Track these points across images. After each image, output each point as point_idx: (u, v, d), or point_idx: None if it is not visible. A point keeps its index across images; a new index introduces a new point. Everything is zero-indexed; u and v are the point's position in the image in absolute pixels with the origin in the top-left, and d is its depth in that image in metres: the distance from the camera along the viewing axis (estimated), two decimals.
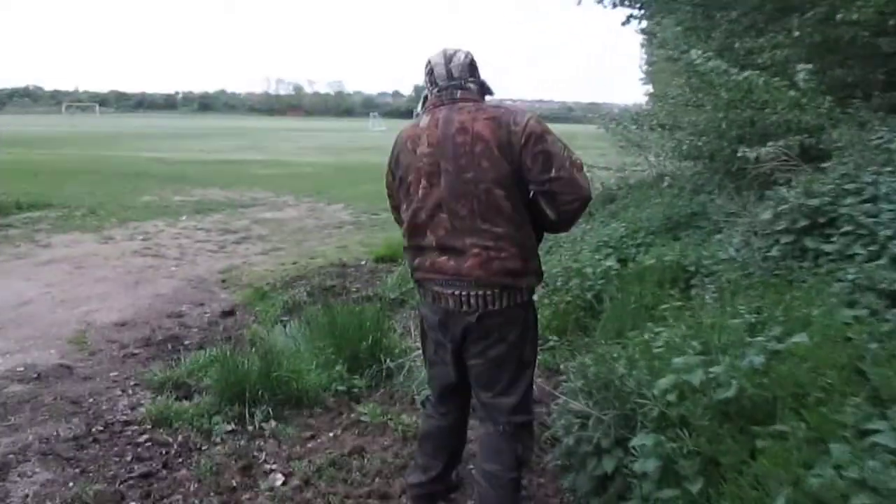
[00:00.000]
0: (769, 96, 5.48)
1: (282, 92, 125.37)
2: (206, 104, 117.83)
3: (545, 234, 2.75)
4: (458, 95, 2.52)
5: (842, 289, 2.83)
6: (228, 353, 4.16)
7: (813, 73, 5.23)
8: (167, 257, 8.13)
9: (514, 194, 2.41)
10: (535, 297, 2.72)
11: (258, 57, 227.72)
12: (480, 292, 2.43)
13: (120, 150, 25.78)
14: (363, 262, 7.72)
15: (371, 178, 17.34)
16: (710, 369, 2.37)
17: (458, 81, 2.54)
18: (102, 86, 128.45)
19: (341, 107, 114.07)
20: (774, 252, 3.46)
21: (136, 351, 5.00)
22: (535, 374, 2.87)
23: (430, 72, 2.59)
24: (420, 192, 2.50)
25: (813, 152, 4.92)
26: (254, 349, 4.50)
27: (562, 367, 4.30)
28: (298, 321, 5.11)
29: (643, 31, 16.86)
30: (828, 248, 3.23)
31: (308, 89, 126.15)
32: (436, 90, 2.56)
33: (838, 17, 5.30)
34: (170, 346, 5.06)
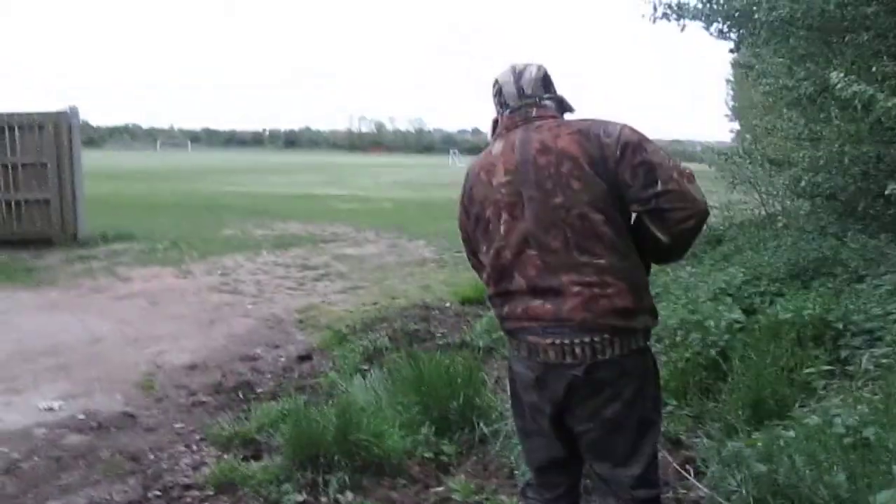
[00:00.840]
0: None
1: (364, 129, 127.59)
2: (291, 141, 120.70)
3: (651, 268, 2.22)
4: (535, 113, 2.14)
5: None
6: (303, 406, 3.71)
7: None
8: (244, 294, 7.84)
9: (614, 217, 2.00)
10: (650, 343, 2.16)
11: (341, 95, 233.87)
12: (587, 339, 1.98)
13: (207, 185, 26.26)
14: (448, 304, 7.22)
15: (453, 214, 16.85)
16: None
17: (532, 99, 2.16)
18: (195, 124, 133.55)
19: (421, 144, 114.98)
20: None
21: (205, 399, 4.62)
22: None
23: (499, 92, 2.22)
24: (502, 227, 2.10)
25: None
26: (330, 402, 4.04)
27: (684, 438, 3.66)
28: (380, 370, 4.63)
29: (739, 65, 16.09)
30: None
31: (389, 127, 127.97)
32: (507, 111, 2.18)
33: None
34: (240, 395, 4.66)
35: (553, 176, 2.01)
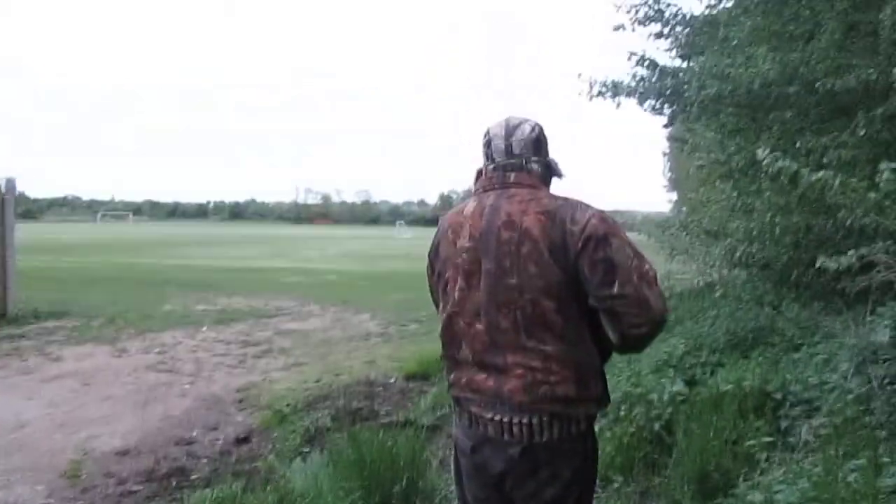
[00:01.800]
0: (845, 199, 4.95)
1: (310, 201, 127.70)
2: (236, 213, 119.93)
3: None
4: (512, 179, 2.07)
5: None
6: (239, 494, 3.55)
7: (895, 172, 4.71)
8: (182, 372, 7.58)
9: (568, 306, 1.93)
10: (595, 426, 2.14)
11: (287, 167, 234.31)
12: (525, 419, 1.94)
13: (148, 258, 25.73)
14: (392, 380, 7.09)
15: (399, 286, 16.98)
16: None
17: (518, 160, 2.09)
18: (137, 195, 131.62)
19: (368, 215, 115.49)
20: None
21: (136, 487, 4.38)
22: None
23: (488, 143, 2.14)
24: (457, 293, 2.07)
25: None
26: (269, 488, 3.89)
27: None
28: (321, 453, 4.49)
29: (672, 139, 16.71)
30: None
31: (335, 198, 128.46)
32: (491, 167, 2.12)
33: None
34: (174, 482, 4.44)
35: (512, 254, 1.96)
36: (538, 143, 2.13)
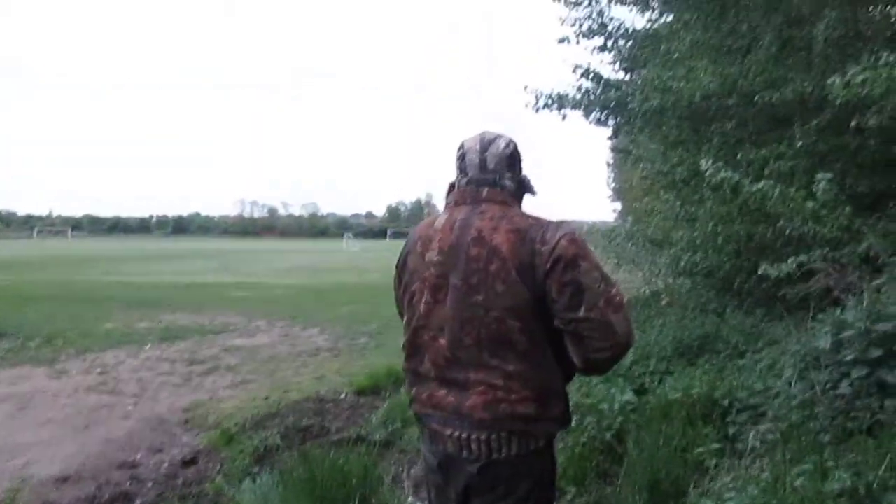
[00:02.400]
0: (784, 208, 5.09)
1: (256, 214, 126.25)
2: (180, 227, 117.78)
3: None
4: (485, 194, 2.06)
5: None
6: None
7: (832, 182, 4.87)
8: (125, 393, 7.35)
9: (532, 326, 1.93)
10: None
11: (233, 180, 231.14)
12: (484, 436, 1.95)
13: (88, 274, 24.98)
14: (343, 396, 7.00)
15: (348, 299, 16.88)
16: None
17: (491, 175, 2.08)
18: (77, 210, 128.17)
19: (315, 228, 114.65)
20: (844, 388, 2.91)
21: None
22: None
23: (462, 157, 2.14)
24: (422, 307, 2.06)
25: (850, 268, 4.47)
26: None
27: None
28: (271, 473, 4.39)
29: (617, 150, 16.97)
30: None
31: (282, 211, 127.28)
32: (464, 181, 2.12)
33: (853, 124, 4.99)
34: None
35: (480, 272, 1.95)
36: (512, 159, 2.13)
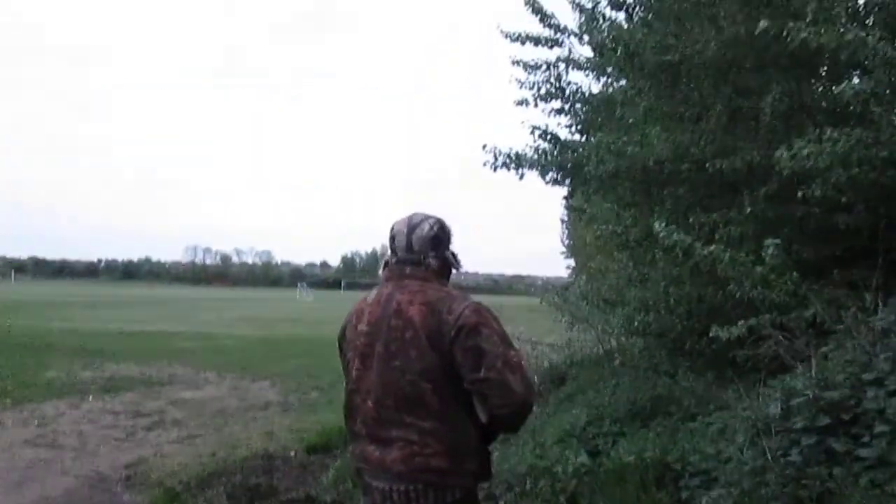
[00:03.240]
0: (734, 272, 5.21)
1: (208, 262, 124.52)
2: (129, 272, 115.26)
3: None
4: (408, 272, 2.34)
5: None
6: None
7: (780, 247, 5.01)
8: (64, 448, 7.08)
9: (443, 388, 2.19)
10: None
11: (184, 226, 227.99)
12: (403, 487, 2.18)
13: (29, 319, 24.18)
14: (293, 454, 6.83)
15: (300, 351, 16.61)
16: None
17: (416, 255, 2.35)
18: (21, 252, 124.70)
19: (269, 277, 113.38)
20: (794, 456, 2.95)
21: None
22: None
23: (392, 239, 2.41)
24: (354, 373, 2.35)
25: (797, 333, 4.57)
26: None
27: None
28: None
29: (572, 209, 17.28)
30: (864, 452, 2.74)
31: (235, 259, 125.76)
32: (393, 260, 2.40)
33: (799, 194, 5.17)
34: None
35: (398, 340, 2.20)
36: (436, 240, 2.37)
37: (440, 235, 2.39)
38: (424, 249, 2.35)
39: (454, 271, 2.47)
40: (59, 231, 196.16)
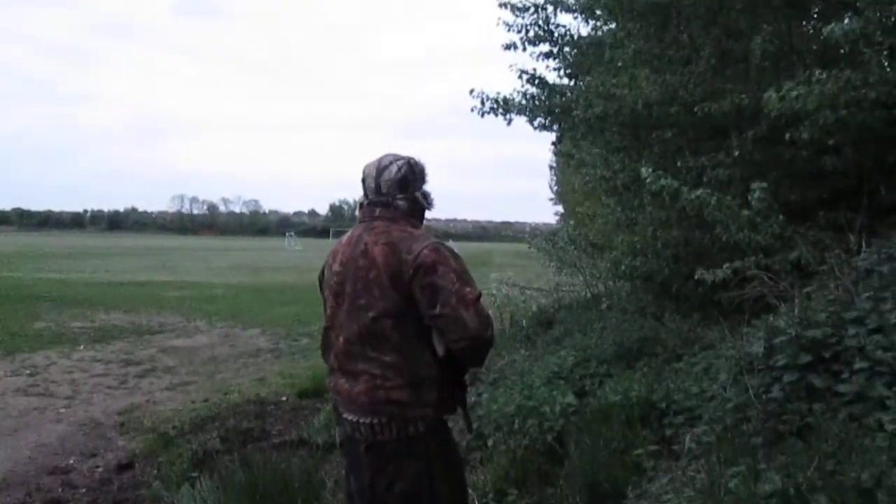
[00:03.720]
0: (721, 215, 5.24)
1: (195, 211, 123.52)
2: (115, 223, 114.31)
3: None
4: (377, 213, 2.42)
5: (884, 441, 2.37)
6: None
7: (766, 191, 5.03)
8: (57, 396, 7.14)
9: (405, 324, 2.30)
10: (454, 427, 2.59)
11: (171, 175, 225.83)
12: (368, 420, 2.31)
13: (16, 271, 24.10)
14: (284, 398, 6.93)
15: (289, 299, 16.66)
16: None
17: (385, 198, 2.42)
18: (5, 203, 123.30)
19: (256, 226, 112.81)
20: (776, 392, 3.01)
21: None
22: None
23: (363, 181, 2.49)
24: (328, 310, 2.49)
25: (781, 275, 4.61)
26: None
27: None
28: (210, 478, 4.31)
29: (560, 153, 17.21)
30: (843, 388, 2.80)
31: (222, 208, 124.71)
32: (365, 202, 2.48)
33: (787, 136, 5.17)
34: None
35: (363, 279, 2.32)
36: (404, 181, 2.43)
37: (408, 176, 2.44)
38: (392, 191, 2.41)
39: (427, 210, 2.52)
40: (43, 182, 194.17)
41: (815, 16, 6.73)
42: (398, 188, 2.42)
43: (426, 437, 2.32)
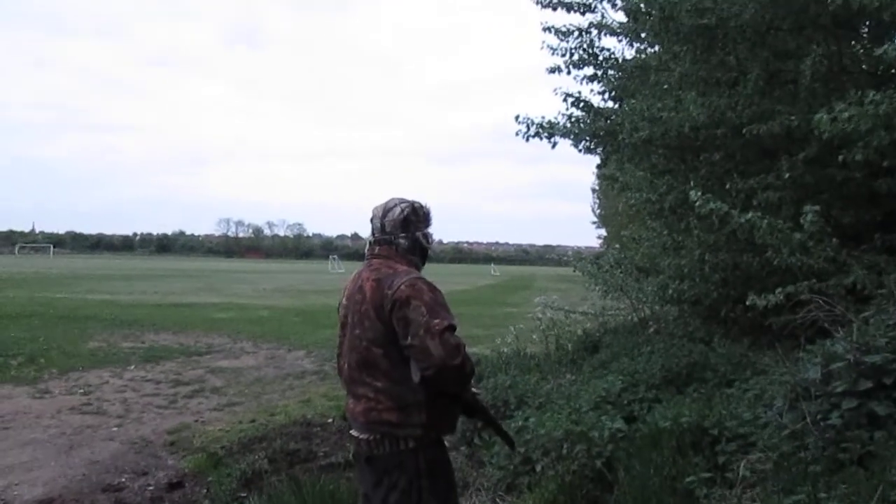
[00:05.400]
0: (772, 239, 5.15)
1: (241, 234, 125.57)
2: (164, 246, 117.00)
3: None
4: (377, 251, 2.66)
5: None
6: None
7: (818, 214, 4.94)
8: (109, 414, 7.29)
9: (392, 353, 2.50)
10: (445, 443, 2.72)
11: (216, 200, 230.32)
12: (366, 436, 2.55)
13: (70, 293, 24.73)
14: (330, 420, 6.95)
15: (333, 322, 16.46)
16: None
17: (388, 236, 2.66)
18: (59, 227, 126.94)
19: (301, 249, 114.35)
20: (834, 419, 2.94)
21: None
22: None
23: (371, 221, 2.73)
24: (338, 339, 2.77)
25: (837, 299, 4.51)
26: None
27: None
28: (259, 498, 4.36)
29: (604, 177, 17.13)
30: None
31: (267, 231, 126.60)
32: (371, 240, 2.71)
33: (840, 158, 5.08)
34: None
35: (358, 312, 2.58)
36: (406, 222, 2.66)
37: (410, 217, 2.67)
38: (395, 231, 2.65)
39: (428, 248, 2.74)
40: (95, 206, 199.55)
41: (865, 36, 6.64)
42: (400, 228, 2.65)
43: (416, 453, 2.52)
